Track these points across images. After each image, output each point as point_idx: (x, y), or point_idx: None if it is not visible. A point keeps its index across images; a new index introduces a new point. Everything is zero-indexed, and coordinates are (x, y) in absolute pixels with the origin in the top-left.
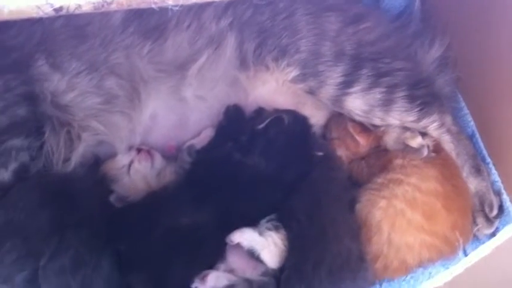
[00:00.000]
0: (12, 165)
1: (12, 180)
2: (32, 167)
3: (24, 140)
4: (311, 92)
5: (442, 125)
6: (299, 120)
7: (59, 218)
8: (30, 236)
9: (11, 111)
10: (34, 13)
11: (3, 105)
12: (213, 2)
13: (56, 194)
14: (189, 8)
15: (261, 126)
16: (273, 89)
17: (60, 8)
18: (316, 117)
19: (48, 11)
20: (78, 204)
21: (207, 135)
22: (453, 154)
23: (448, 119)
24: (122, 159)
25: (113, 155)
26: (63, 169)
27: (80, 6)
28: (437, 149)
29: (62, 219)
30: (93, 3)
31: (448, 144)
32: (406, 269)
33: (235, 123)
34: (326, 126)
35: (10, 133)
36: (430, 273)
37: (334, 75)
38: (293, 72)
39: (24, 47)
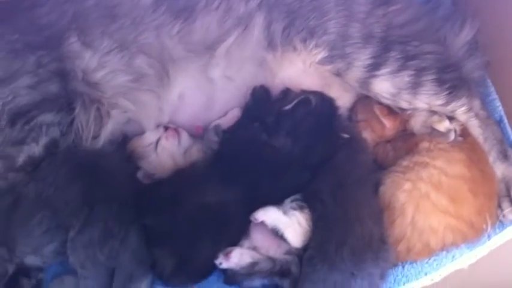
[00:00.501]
0: (43, 140)
1: (42, 155)
2: (62, 142)
3: (55, 115)
4: (338, 74)
5: (470, 109)
6: (326, 102)
7: (88, 192)
8: (60, 209)
9: (43, 87)
10: None
11: (36, 81)
12: None
13: (86, 168)
14: None
15: (288, 107)
16: (300, 70)
17: None
18: (343, 99)
19: None
20: (107, 179)
21: (233, 115)
22: (480, 139)
23: (477, 104)
24: (150, 137)
25: (140, 133)
26: (92, 146)
27: None
28: (464, 133)
29: (91, 193)
30: None
31: (475, 128)
32: (429, 252)
33: (262, 104)
34: (352, 108)
35: (42, 108)
36: (453, 256)
37: (362, 58)
38: (321, 54)
39: (56, 24)
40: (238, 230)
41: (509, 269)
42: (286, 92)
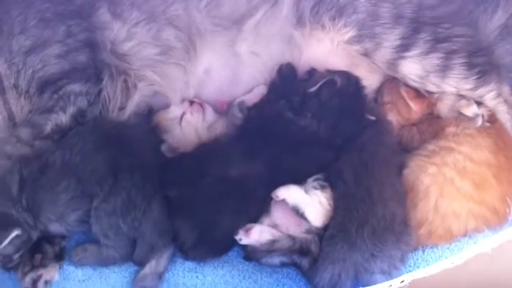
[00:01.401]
0: (71, 110)
1: (69, 124)
2: (88, 112)
3: (83, 85)
4: (366, 54)
5: (499, 95)
6: (352, 82)
7: (113, 161)
8: (85, 177)
9: (72, 56)
10: None
11: (65, 50)
12: None
13: (112, 138)
14: None
15: (313, 89)
16: (327, 49)
17: None
18: (369, 80)
19: None
20: (132, 150)
21: (259, 92)
22: (508, 125)
23: (506, 89)
24: (175, 110)
25: (166, 107)
26: (118, 117)
27: None
28: (492, 119)
29: (116, 163)
30: None
31: (503, 114)
32: (450, 237)
33: (288, 82)
34: (378, 90)
35: (70, 78)
36: (475, 242)
37: (392, 38)
38: (349, 33)
39: None
40: (259, 207)
41: None
42: (312, 73)
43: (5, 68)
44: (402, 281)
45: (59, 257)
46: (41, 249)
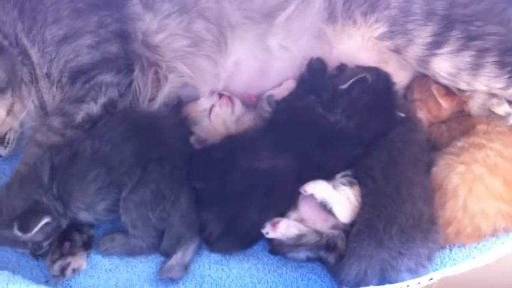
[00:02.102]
0: (102, 100)
1: (100, 114)
2: (119, 103)
3: (115, 76)
4: (397, 51)
5: None
6: (382, 78)
7: (143, 152)
8: (114, 167)
9: (103, 47)
10: None
11: (97, 40)
12: None
13: (141, 129)
14: None
15: (344, 86)
16: (358, 45)
17: None
18: (399, 77)
19: None
20: (161, 140)
21: (287, 86)
22: None
23: None
24: (204, 103)
25: (195, 98)
26: (148, 108)
27: None
28: None
29: (145, 154)
30: None
31: None
32: (478, 236)
33: (318, 77)
34: (408, 87)
35: (101, 68)
36: (503, 242)
37: (423, 35)
38: (381, 29)
39: None
40: (286, 200)
41: None
42: (342, 68)
43: (38, 56)
44: (431, 279)
45: (87, 246)
46: (70, 237)
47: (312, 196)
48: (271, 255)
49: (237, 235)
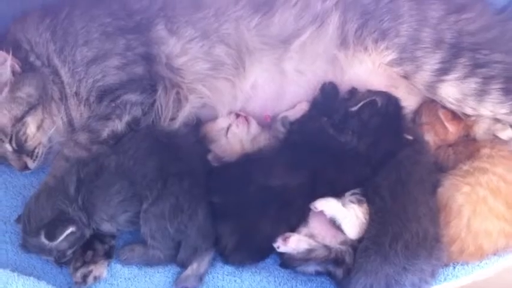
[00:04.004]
0: (126, 118)
1: (124, 131)
2: (142, 121)
3: (139, 95)
4: (406, 76)
5: None
6: (392, 102)
7: (163, 167)
8: (136, 180)
9: (130, 68)
10: None
11: (124, 62)
12: None
13: (163, 146)
14: None
15: (354, 108)
16: (369, 70)
17: None
18: (408, 101)
19: None
20: (181, 157)
21: (301, 108)
22: None
23: None
24: (222, 122)
25: (213, 118)
26: (169, 126)
27: None
28: None
29: (166, 169)
30: None
31: None
32: (481, 255)
33: (330, 100)
34: (417, 111)
35: (127, 88)
36: (501, 256)
37: (432, 62)
38: (391, 56)
39: (147, 11)
40: (298, 217)
41: None
42: (353, 92)
43: (68, 76)
44: None
45: (108, 255)
46: (93, 247)
47: (322, 212)
48: (282, 269)
49: (250, 248)
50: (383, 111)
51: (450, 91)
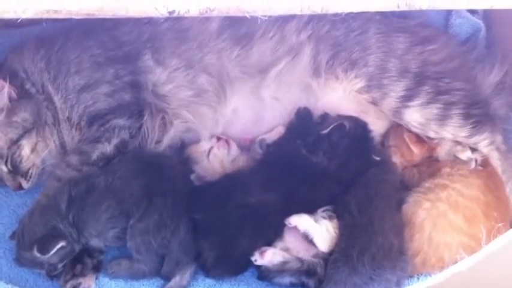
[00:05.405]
0: (115, 141)
1: (113, 153)
2: (130, 144)
3: (127, 120)
4: (374, 103)
5: (492, 143)
6: (360, 126)
7: (149, 186)
8: (123, 199)
9: (118, 95)
10: (152, 13)
11: (113, 89)
12: (295, 16)
13: (149, 167)
14: (274, 20)
15: (325, 131)
16: (340, 97)
17: (173, 11)
18: (377, 125)
19: (163, 12)
20: (165, 177)
21: (277, 132)
22: (499, 170)
23: (499, 139)
24: (204, 145)
25: (196, 141)
26: (155, 149)
27: (188, 10)
28: (484, 163)
29: (151, 188)
30: (199, 9)
31: (495, 160)
32: (442, 266)
33: (304, 124)
34: (385, 134)
35: (116, 113)
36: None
37: (397, 89)
38: (359, 84)
39: (135, 42)
40: (273, 232)
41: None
42: (325, 117)
43: (61, 102)
44: None
45: (96, 269)
46: (82, 261)
47: (295, 228)
48: (259, 281)
49: (230, 262)
50: (351, 134)
51: (414, 116)
